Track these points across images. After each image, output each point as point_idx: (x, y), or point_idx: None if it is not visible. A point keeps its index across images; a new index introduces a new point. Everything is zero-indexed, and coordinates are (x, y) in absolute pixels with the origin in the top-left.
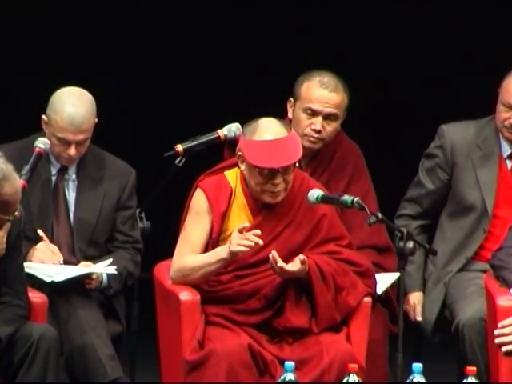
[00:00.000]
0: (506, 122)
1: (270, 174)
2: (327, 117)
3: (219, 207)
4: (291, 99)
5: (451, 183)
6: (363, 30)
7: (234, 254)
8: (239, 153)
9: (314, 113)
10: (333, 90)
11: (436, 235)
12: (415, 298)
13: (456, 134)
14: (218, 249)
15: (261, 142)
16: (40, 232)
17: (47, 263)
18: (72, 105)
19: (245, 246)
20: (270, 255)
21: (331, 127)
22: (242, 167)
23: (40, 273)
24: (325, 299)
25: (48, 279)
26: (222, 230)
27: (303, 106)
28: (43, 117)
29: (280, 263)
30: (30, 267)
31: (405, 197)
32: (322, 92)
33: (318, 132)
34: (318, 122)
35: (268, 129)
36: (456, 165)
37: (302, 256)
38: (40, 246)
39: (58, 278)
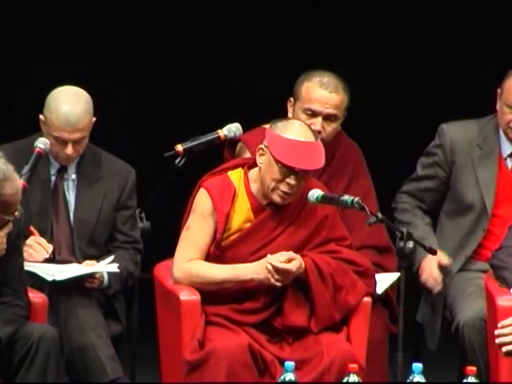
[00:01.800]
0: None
1: (289, 174)
2: (327, 117)
3: (223, 208)
4: (291, 99)
5: (450, 182)
6: (363, 30)
7: (262, 282)
8: (263, 145)
9: (313, 113)
10: (333, 90)
11: (436, 234)
12: (430, 261)
13: (456, 133)
14: (239, 267)
15: (291, 140)
16: (32, 229)
17: (36, 257)
18: (67, 103)
19: (279, 281)
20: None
21: (331, 128)
22: (260, 160)
23: (41, 271)
24: (323, 298)
25: (50, 278)
26: (225, 229)
27: (303, 106)
28: (40, 116)
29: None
30: (31, 266)
31: (400, 190)
32: (321, 92)
33: (318, 132)
34: (317, 123)
35: (300, 130)
36: (455, 164)
37: (286, 253)
38: (29, 241)
39: (60, 277)
